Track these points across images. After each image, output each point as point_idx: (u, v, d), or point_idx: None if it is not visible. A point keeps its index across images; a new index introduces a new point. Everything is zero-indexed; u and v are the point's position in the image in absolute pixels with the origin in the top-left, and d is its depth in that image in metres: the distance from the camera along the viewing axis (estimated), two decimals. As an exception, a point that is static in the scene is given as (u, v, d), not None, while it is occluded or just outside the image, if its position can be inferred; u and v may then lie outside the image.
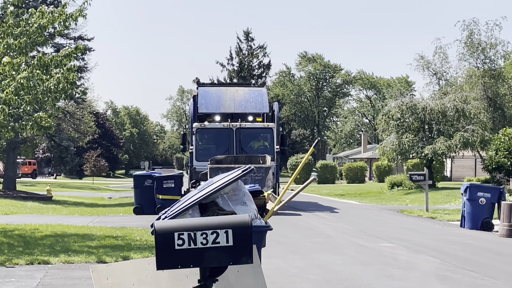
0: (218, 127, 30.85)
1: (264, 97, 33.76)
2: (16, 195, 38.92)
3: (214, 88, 37.14)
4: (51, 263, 14.07)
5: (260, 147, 31.44)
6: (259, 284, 6.45)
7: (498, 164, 47.48)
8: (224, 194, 8.60)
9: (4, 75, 18.06)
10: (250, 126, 31.14)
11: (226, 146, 30.47)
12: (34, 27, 18.70)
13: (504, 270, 14.23)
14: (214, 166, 26.25)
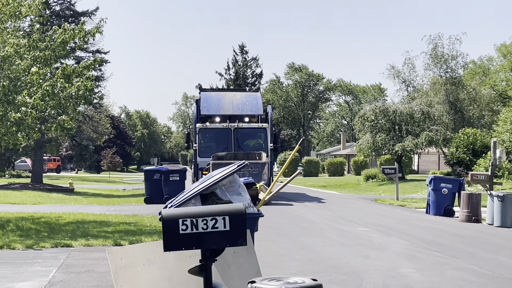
0: (218, 127, 30.59)
1: (258, 101, 33.55)
2: (43, 187, 38.91)
3: (214, 93, 37.08)
4: (73, 246, 14.06)
5: (255, 145, 31.04)
6: (252, 263, 6.45)
7: (458, 159, 47.67)
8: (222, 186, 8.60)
9: (32, 83, 18.02)
10: (246, 126, 30.88)
11: (225, 144, 30.09)
12: (57, 42, 18.67)
13: (464, 250, 14.26)
14: (215, 162, 25.70)
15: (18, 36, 18.67)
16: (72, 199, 31.21)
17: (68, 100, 18.77)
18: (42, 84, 17.98)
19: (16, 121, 17.80)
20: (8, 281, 10.19)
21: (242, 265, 6.44)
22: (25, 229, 16.61)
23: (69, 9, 43.68)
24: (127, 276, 6.19)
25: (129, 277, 6.19)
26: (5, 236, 15.26)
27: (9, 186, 38.42)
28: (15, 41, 17.99)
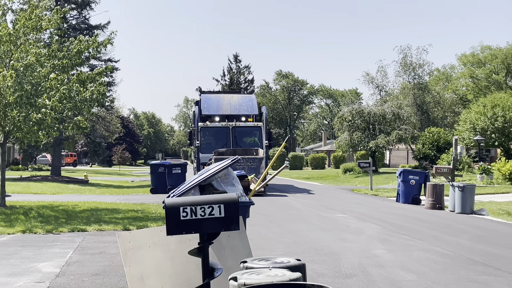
0: (218, 126, 30.12)
1: (253, 102, 33.00)
2: (61, 179, 38.85)
3: (213, 95, 36.28)
4: (87, 230, 14.06)
5: (251, 142, 30.42)
6: (244, 245, 6.45)
7: (424, 154, 47.83)
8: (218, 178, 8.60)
9: (51, 88, 18.03)
10: (243, 125, 30.41)
11: (224, 141, 29.47)
12: (73, 52, 18.67)
13: (429, 234, 14.30)
14: (218, 157, 24.94)
15: (39, 46, 18.64)
16: (87, 189, 31.16)
17: (83, 102, 18.78)
18: (60, 89, 18.01)
19: (37, 121, 17.79)
20: (30, 262, 10.19)
21: (235, 247, 6.45)
22: (45, 216, 16.58)
23: (84, 23, 43.57)
24: (135, 257, 6.19)
25: (136, 258, 6.19)
26: (28, 222, 15.25)
27: (31, 178, 38.38)
28: (37, 51, 17.96)
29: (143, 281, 6.15)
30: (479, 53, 72.01)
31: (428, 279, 8.99)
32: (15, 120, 17.58)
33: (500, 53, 70.10)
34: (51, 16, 18.90)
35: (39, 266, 9.84)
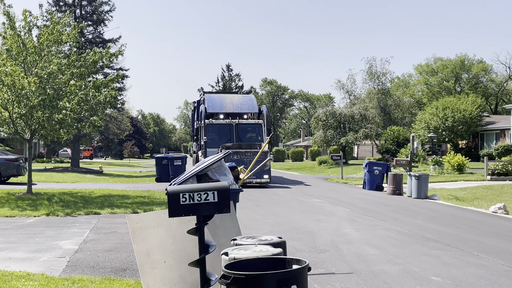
0: (222, 123, 27.76)
1: (253, 101, 30.71)
2: (79, 170, 38.69)
3: (216, 95, 34.03)
4: (102, 213, 14.01)
5: (252, 137, 28.02)
6: (235, 225, 6.46)
7: (386, 149, 48.10)
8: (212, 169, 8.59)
9: (70, 93, 17.97)
10: (245, 122, 28.29)
11: (228, 136, 27.18)
12: (89, 62, 18.62)
13: (390, 215, 14.39)
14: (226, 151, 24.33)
15: (60, 57, 18.56)
16: (101, 179, 31.05)
17: (98, 105, 18.73)
18: (78, 93, 17.98)
19: (59, 121, 17.74)
20: (53, 240, 10.15)
21: (227, 227, 6.45)
22: (66, 201, 16.52)
23: (98, 37, 43.36)
24: (142, 235, 6.18)
25: (143, 237, 6.18)
26: (51, 206, 15.19)
27: (54, 169, 38.21)
28: (58, 61, 17.90)
29: (148, 256, 6.14)
30: (433, 64, 72.39)
31: (389, 253, 9.05)
32: (40, 120, 17.51)
33: (450, 63, 70.52)
34: (70, 31, 18.83)
35: (60, 243, 9.82)
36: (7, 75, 16.69)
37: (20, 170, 24.94)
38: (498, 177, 27.67)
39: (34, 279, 6.92)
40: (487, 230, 11.96)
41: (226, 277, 4.11)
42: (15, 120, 17.76)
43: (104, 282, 6.90)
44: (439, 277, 7.39)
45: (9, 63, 17.14)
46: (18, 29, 17.93)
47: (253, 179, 23.28)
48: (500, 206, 15.67)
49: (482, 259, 8.70)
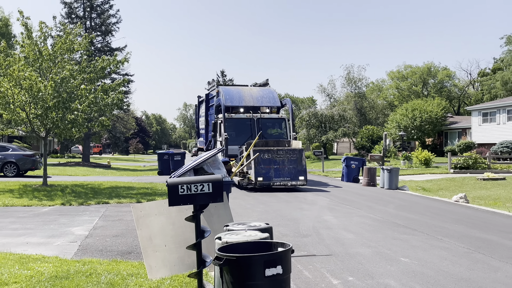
0: (243, 117, 22.48)
1: (274, 94, 24.98)
2: (90, 165, 38.48)
3: (232, 87, 26.82)
4: (109, 203, 13.97)
5: (275, 133, 23.06)
6: (227, 213, 6.48)
7: (362, 145, 48.24)
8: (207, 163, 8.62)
9: (81, 95, 17.89)
10: (268, 117, 23.03)
11: (249, 133, 22.03)
12: (98, 68, 18.54)
13: (365, 204, 14.45)
14: (256, 149, 18.11)
15: (71, 64, 18.47)
16: (109, 172, 30.93)
17: (106, 106, 18.68)
18: (88, 96, 17.89)
19: (71, 121, 17.67)
20: (66, 226, 10.12)
21: (220, 215, 6.47)
22: (77, 192, 16.46)
23: (106, 46, 43.11)
24: (145, 222, 6.18)
25: (146, 223, 6.18)
26: (64, 197, 15.13)
27: (67, 164, 37.98)
28: (70, 67, 17.80)
29: (151, 241, 6.15)
30: (403, 70, 72.65)
31: (364, 238, 9.10)
32: (54, 120, 17.44)
33: (418, 70, 70.83)
34: (81, 41, 18.73)
35: (72, 230, 9.79)
36: (26, 80, 16.62)
37: (36, 164, 24.84)
38: (460, 171, 27.88)
39: (49, 261, 6.90)
40: (450, 217, 12.06)
41: (219, 258, 4.13)
42: (32, 120, 17.67)
43: (111, 264, 6.89)
44: (407, 258, 7.45)
45: (27, 69, 17.06)
46: (35, 38, 17.84)
47: (286, 181, 18.03)
48: (462, 196, 15.80)
49: (445, 242, 8.78)
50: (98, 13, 43.11)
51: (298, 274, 6.50)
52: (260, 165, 17.63)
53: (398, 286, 5.98)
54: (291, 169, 18.03)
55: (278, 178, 17.75)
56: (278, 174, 17.77)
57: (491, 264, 7.15)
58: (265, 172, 17.64)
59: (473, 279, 6.33)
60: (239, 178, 18.45)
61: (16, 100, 16.93)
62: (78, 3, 42.62)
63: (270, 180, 17.68)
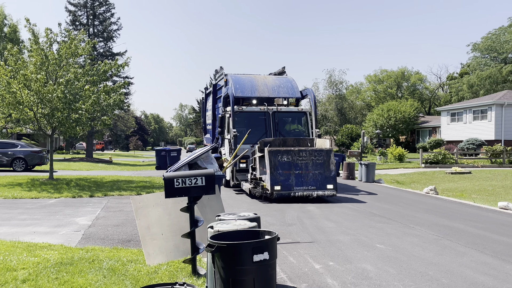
0: (256, 111, 16.75)
1: (293, 83, 18.46)
2: (93, 160, 38.20)
3: (243, 76, 19.14)
4: (111, 195, 13.89)
5: (295, 130, 17.23)
6: (219, 204, 6.47)
7: (342, 142, 48.36)
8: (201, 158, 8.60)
9: (85, 96, 17.75)
10: (286, 110, 17.09)
11: (263, 129, 16.44)
12: (101, 71, 18.43)
13: (345, 196, 14.48)
14: (272, 149, 13.02)
15: (76, 67, 18.33)
16: (111, 167, 30.73)
17: (108, 107, 18.57)
18: (91, 97, 17.74)
19: (75, 120, 17.54)
20: (71, 217, 10.04)
21: (213, 205, 6.45)
22: (81, 185, 16.34)
23: (108, 51, 42.78)
24: (143, 213, 6.15)
25: (144, 214, 6.15)
26: (69, 189, 15.02)
27: (71, 160, 37.69)
28: (74, 70, 17.67)
29: (149, 230, 6.12)
30: (379, 74, 72.98)
31: (343, 226, 9.13)
32: (60, 119, 17.30)
33: (393, 74, 71.21)
34: (85, 46, 18.58)
35: (76, 220, 9.71)
36: (36, 82, 16.50)
37: (43, 160, 24.64)
38: (430, 165, 28.09)
39: (55, 249, 6.85)
40: (421, 207, 12.14)
41: (211, 246, 4.12)
42: (39, 119, 17.51)
43: (112, 251, 6.85)
44: (383, 245, 7.49)
45: (38, 73, 16.93)
46: (42, 44, 17.67)
47: (310, 190, 12.77)
48: (432, 188, 15.93)
49: (417, 230, 8.84)
50: (100, 20, 42.77)
51: (284, 260, 6.51)
52: (278, 169, 12.63)
53: (374, 270, 6.01)
54: (316, 175, 12.92)
55: (300, 186, 12.68)
56: (300, 182, 12.73)
57: (458, 249, 7.21)
58: (284, 179, 12.61)
59: (441, 263, 6.38)
60: (250, 186, 13.49)
61: (25, 100, 16.77)
62: (82, 12, 42.26)
63: (290, 189, 12.58)
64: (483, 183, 18.61)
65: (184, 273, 5.64)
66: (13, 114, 17.57)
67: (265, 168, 12.82)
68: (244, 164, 15.02)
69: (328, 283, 5.45)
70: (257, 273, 4.04)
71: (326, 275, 5.79)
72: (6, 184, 16.54)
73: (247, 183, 14.13)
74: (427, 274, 5.82)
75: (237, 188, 15.76)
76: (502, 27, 64.58)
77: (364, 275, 5.77)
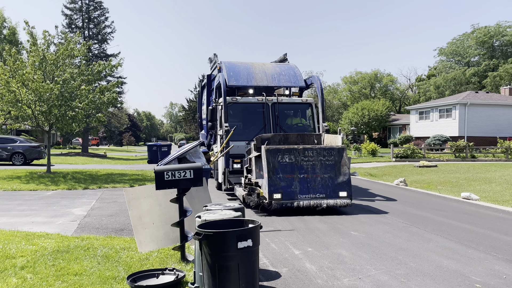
0: (252, 102, 12.88)
1: (296, 71, 14.30)
2: (88, 155, 37.73)
3: (238, 62, 14.90)
4: (105, 187, 13.75)
5: (298, 124, 13.42)
6: (206, 195, 6.45)
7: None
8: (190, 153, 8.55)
9: (81, 95, 17.53)
10: (288, 101, 13.22)
11: (261, 123, 12.75)
12: (95, 71, 18.20)
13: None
14: (271, 148, 9.50)
15: (72, 67, 18.07)
16: (105, 161, 30.41)
17: (102, 105, 18.34)
18: (87, 95, 17.52)
19: (72, 117, 17.30)
20: (67, 208, 9.92)
21: (200, 197, 6.43)
22: (77, 178, 16.14)
23: (102, 52, 42.22)
24: (135, 204, 6.09)
25: (136, 205, 6.09)
26: (66, 182, 14.82)
27: (68, 154, 37.17)
28: (71, 70, 17.42)
29: (140, 219, 6.07)
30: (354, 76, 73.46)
31: (321, 215, 9.16)
32: (57, 116, 17.06)
33: (367, 76, 71.76)
34: (80, 48, 18.31)
35: (72, 210, 9.59)
36: (34, 81, 16.23)
37: (41, 154, 24.31)
38: (401, 159, 28.41)
39: (52, 238, 6.76)
40: (392, 198, 12.26)
41: (199, 234, 4.10)
42: (37, 116, 17.22)
43: (106, 239, 6.79)
44: (357, 232, 7.56)
45: (35, 73, 16.65)
46: (39, 45, 17.37)
47: (319, 199, 9.40)
48: (401, 180, 16.10)
49: (388, 218, 8.93)
50: (95, 24, 42.19)
51: (266, 246, 6.53)
52: (278, 173, 9.32)
53: (348, 255, 6.06)
54: (326, 179, 9.63)
55: (306, 194, 9.33)
56: (305, 188, 9.38)
57: (425, 236, 7.31)
58: (285, 185, 9.26)
59: (410, 248, 6.46)
60: (244, 192, 10.11)
61: (23, 98, 16.47)
62: (78, 15, 41.62)
63: (293, 197, 9.25)
64: (448, 175, 18.89)
65: (173, 260, 5.61)
66: (12, 111, 17.25)
67: (262, 171, 9.51)
68: (239, 164, 12.03)
69: (307, 268, 5.48)
70: (241, 259, 4.04)
71: (305, 260, 5.82)
72: (5, 177, 16.25)
73: (240, 188, 10.85)
74: (396, 259, 5.89)
75: (230, 192, 12.24)
76: (466, 33, 65.52)
77: (340, 260, 5.81)
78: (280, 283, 4.92)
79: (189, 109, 69.93)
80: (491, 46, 62.48)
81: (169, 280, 4.75)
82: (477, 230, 7.76)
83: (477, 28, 63.98)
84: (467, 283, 4.90)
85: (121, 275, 4.96)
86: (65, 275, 4.93)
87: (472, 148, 30.29)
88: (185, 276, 4.84)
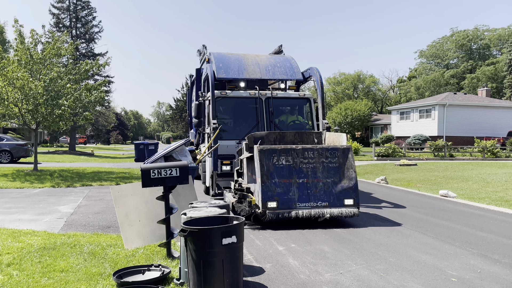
0: (244, 96, 10.96)
1: (292, 63, 12.27)
2: (75, 153, 37.27)
3: (229, 53, 12.57)
4: (92, 185, 13.62)
5: (295, 121, 11.38)
6: (192, 193, 6.44)
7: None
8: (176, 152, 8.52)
9: (68, 93, 17.31)
10: (284, 95, 11.34)
11: (254, 119, 10.84)
12: (82, 70, 18.00)
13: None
14: (265, 148, 7.73)
15: (59, 66, 17.84)
16: (93, 159, 30.08)
17: (89, 103, 18.15)
18: (74, 94, 17.32)
19: (58, 115, 17.08)
20: (54, 205, 9.80)
21: (186, 194, 6.42)
22: (64, 176, 15.94)
23: (90, 51, 41.74)
24: (122, 201, 6.06)
25: (123, 202, 6.06)
26: (53, 180, 14.63)
27: (55, 152, 36.67)
28: (57, 69, 17.19)
29: (127, 216, 6.04)
30: (338, 77, 73.94)
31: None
32: (44, 114, 16.81)
33: (350, 77, 72.29)
34: (68, 47, 18.08)
35: (59, 208, 9.48)
36: (19, 80, 15.95)
37: (28, 152, 23.94)
38: (382, 158, 28.70)
39: (38, 235, 6.67)
40: (373, 195, 12.39)
41: (184, 231, 4.10)
42: (23, 114, 16.96)
43: (93, 237, 6.73)
44: (339, 228, 7.60)
45: (20, 71, 16.36)
46: (27, 44, 17.10)
47: (321, 207, 7.66)
48: (383, 178, 16.27)
49: (370, 211, 9.02)
50: (83, 23, 41.68)
51: (251, 243, 6.54)
52: (273, 177, 7.72)
53: (330, 251, 6.11)
54: (328, 185, 7.90)
55: (305, 202, 7.68)
56: (305, 195, 7.73)
57: (404, 232, 7.41)
58: (281, 192, 7.65)
59: (389, 244, 6.54)
60: (234, 199, 8.51)
61: (9, 97, 16.20)
62: (65, 15, 41.06)
63: (290, 206, 7.61)
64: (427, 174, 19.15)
65: (159, 256, 5.59)
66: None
67: (254, 175, 7.98)
68: (228, 166, 10.53)
69: (290, 263, 5.52)
70: (226, 255, 4.05)
71: (289, 256, 5.85)
72: (-8, 175, 15.98)
73: (230, 194, 9.30)
74: (376, 254, 5.96)
75: (219, 198, 10.41)
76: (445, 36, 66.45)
77: (322, 255, 5.86)
78: (264, 278, 4.94)
79: (177, 108, 69.50)
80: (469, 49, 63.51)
81: (154, 276, 4.74)
82: (454, 227, 7.90)
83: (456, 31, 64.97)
84: (444, 277, 4.99)
85: (107, 271, 4.93)
86: (52, 272, 4.88)
87: (451, 147, 30.76)
88: (170, 272, 4.83)
